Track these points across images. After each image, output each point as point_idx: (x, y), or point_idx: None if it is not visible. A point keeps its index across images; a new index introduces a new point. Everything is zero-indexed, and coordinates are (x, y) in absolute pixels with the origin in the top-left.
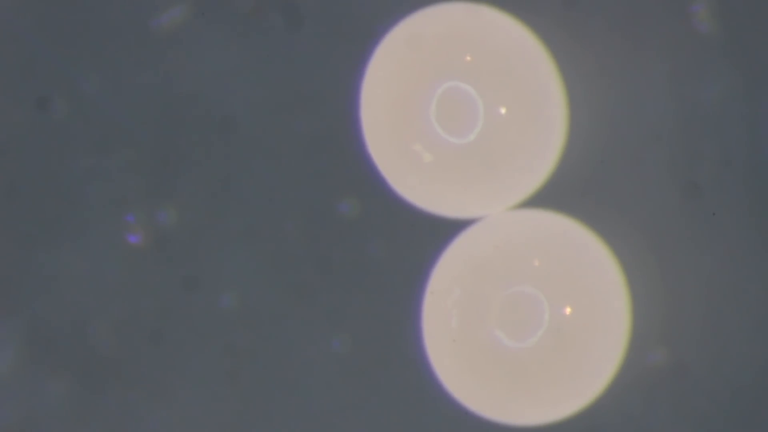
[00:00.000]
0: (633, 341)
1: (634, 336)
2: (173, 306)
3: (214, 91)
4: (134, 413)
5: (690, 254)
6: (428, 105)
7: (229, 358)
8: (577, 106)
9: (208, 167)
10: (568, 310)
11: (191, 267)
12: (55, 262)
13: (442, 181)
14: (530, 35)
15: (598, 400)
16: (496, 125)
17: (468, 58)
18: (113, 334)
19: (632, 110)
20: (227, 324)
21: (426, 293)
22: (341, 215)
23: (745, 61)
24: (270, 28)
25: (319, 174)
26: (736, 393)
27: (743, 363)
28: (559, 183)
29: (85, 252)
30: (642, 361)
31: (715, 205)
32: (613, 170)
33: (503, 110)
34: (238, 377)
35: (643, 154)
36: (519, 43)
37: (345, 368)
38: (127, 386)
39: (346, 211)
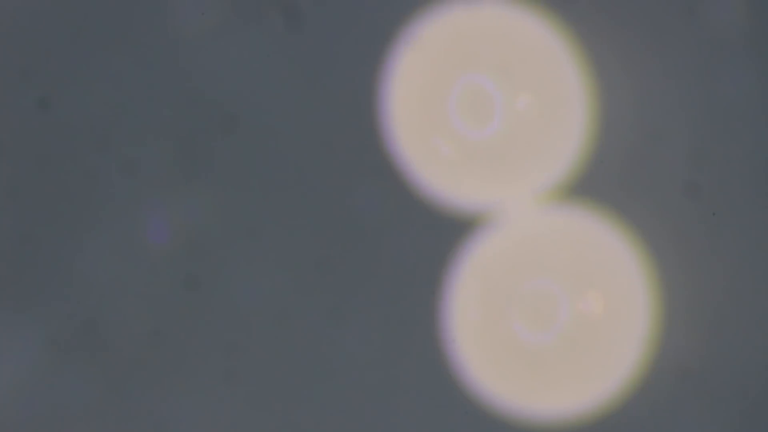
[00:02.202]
0: (653, 338)
1: (655, 333)
2: (182, 304)
3: (222, 89)
4: (145, 411)
5: (708, 253)
6: (449, 99)
7: (238, 357)
8: (597, 99)
9: (211, 166)
10: (588, 305)
11: (201, 265)
12: (62, 262)
13: (463, 175)
14: (550, 30)
15: (616, 396)
16: (516, 119)
17: (488, 52)
18: (122, 333)
19: (654, 102)
20: (237, 322)
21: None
22: (360, 210)
23: (755, 61)
24: (283, 26)
25: (337, 170)
26: (733, 394)
27: (743, 363)
28: (581, 177)
29: (94, 252)
30: (661, 358)
31: (716, 206)
32: (634, 164)
33: (523, 104)
34: (244, 377)
35: (662, 147)
36: (538, 37)
37: (361, 365)
38: (137, 384)
39: (365, 205)
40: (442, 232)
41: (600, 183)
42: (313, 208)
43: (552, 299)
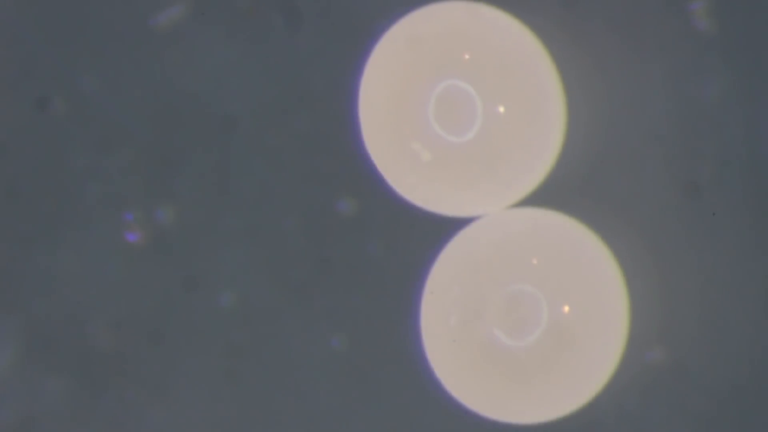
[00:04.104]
0: (631, 340)
1: (633, 335)
2: (172, 305)
3: (213, 90)
4: (133, 412)
5: (688, 254)
6: (427, 104)
7: (228, 357)
8: (576, 104)
9: (207, 166)
10: (566, 309)
11: (190, 266)
12: (53, 261)
13: (441, 179)
14: (529, 34)
15: (596, 399)
16: (494, 124)
17: (466, 56)
18: (112, 334)
19: (631, 109)
20: (226, 323)
21: (425, 292)
22: (340, 214)
23: (744, 60)
24: (268, 27)
25: (318, 173)
26: (733, 392)
27: (741, 362)
28: (558, 181)
29: (84, 251)
30: (640, 360)
31: (714, 205)
32: (611, 169)
33: (502, 109)
34: (236, 376)
35: (641, 153)
36: (517, 41)
37: (344, 367)
38: (126, 385)
39: (345, 209)
40: (421, 236)
41: (581, 185)
42: (299, 210)
43: (531, 303)
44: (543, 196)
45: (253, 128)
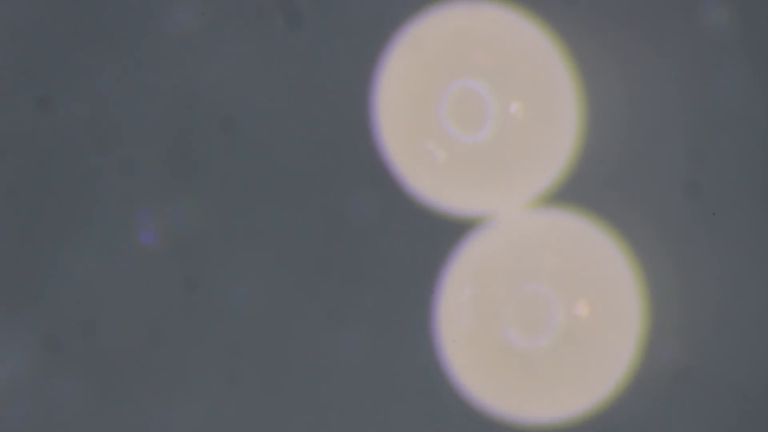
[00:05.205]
0: (645, 342)
1: (647, 336)
2: (179, 305)
3: (221, 91)
4: (147, 413)
5: (701, 254)
6: (440, 104)
7: (241, 359)
8: (590, 104)
9: (215, 167)
10: (580, 310)
11: (198, 267)
12: (60, 263)
13: (455, 180)
14: (540, 32)
15: (609, 400)
16: (508, 124)
17: (478, 56)
18: (120, 334)
19: (646, 107)
20: (237, 324)
21: (436, 293)
22: (352, 214)
23: (755, 60)
24: (279, 28)
25: (330, 174)
26: (740, 394)
27: (744, 365)
28: (572, 181)
29: (92, 252)
30: (653, 362)
31: (723, 206)
32: (627, 168)
33: (515, 108)
34: (245, 378)
35: (656, 151)
36: (529, 40)
37: (355, 369)
38: (135, 386)
39: (358, 210)
40: (435, 237)
41: (596, 185)
42: (310, 209)
43: (544, 303)
44: (556, 196)
45: (263, 129)
